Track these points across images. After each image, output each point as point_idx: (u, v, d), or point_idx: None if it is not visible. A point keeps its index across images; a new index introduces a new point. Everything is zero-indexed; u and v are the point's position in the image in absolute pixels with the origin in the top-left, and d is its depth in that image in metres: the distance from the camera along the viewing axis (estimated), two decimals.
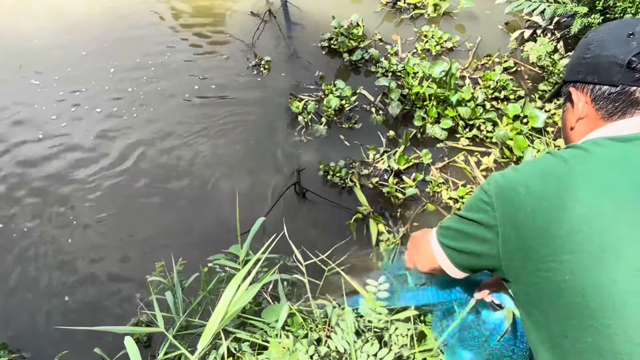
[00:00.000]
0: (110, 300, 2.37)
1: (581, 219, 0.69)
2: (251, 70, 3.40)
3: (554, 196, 0.72)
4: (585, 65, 0.85)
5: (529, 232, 0.73)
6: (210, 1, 3.93)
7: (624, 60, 0.79)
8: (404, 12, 3.88)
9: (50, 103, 3.14)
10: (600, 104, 0.84)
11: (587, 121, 0.87)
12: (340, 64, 3.51)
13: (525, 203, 0.75)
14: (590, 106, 0.85)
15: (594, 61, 0.84)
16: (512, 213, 0.76)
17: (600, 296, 0.66)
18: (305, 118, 3.03)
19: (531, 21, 3.72)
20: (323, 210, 2.69)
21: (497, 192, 0.80)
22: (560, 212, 0.70)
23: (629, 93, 0.81)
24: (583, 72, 0.86)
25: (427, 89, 3.04)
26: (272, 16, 3.60)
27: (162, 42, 3.54)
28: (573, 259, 0.68)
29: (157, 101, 3.19)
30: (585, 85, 0.86)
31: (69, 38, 3.51)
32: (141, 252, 2.51)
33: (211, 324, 1.22)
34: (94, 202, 2.70)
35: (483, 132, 3.02)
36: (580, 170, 0.73)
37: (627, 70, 0.79)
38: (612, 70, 0.81)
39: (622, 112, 0.81)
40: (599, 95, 0.84)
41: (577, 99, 0.88)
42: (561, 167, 0.75)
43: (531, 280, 0.75)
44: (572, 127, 0.90)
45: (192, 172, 2.85)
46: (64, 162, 2.86)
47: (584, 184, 0.71)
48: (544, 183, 0.74)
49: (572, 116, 0.90)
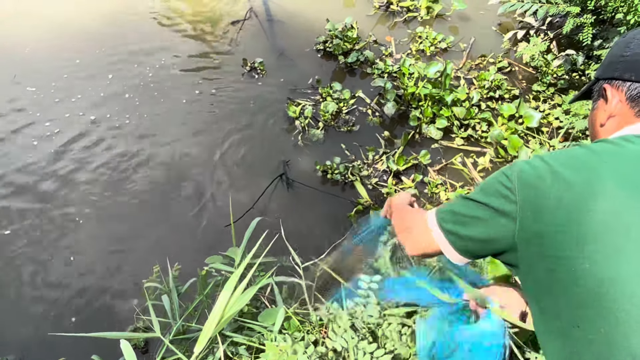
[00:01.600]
0: (107, 306, 2.35)
1: (608, 210, 0.69)
2: (247, 76, 3.40)
3: (582, 186, 0.72)
4: (624, 63, 0.86)
5: (551, 218, 0.73)
6: (202, 9, 3.94)
7: None
8: (397, 16, 3.89)
9: (46, 110, 3.13)
10: (636, 102, 0.84)
11: (618, 119, 0.87)
12: (336, 67, 3.52)
13: (550, 190, 0.74)
14: (625, 104, 0.86)
15: (633, 59, 0.85)
16: (534, 200, 0.76)
17: (618, 288, 0.66)
18: (302, 123, 3.03)
19: (524, 22, 3.74)
20: (321, 203, 2.71)
21: (520, 177, 0.79)
22: (587, 202, 0.70)
23: None
24: (620, 70, 0.86)
25: (423, 89, 3.05)
26: (254, 14, 3.61)
27: (157, 51, 3.54)
28: (595, 249, 0.68)
29: (154, 107, 3.19)
30: (622, 83, 0.86)
31: (65, 46, 3.50)
32: (136, 256, 2.50)
33: (207, 328, 1.22)
34: (88, 206, 2.69)
35: (478, 132, 3.04)
36: (611, 164, 0.74)
37: None
38: None
39: None
40: (636, 94, 0.84)
41: (612, 96, 0.88)
42: (592, 158, 0.75)
43: (546, 266, 0.74)
44: (603, 124, 0.90)
45: (189, 176, 2.84)
46: (56, 166, 2.85)
47: (614, 178, 0.71)
48: (573, 172, 0.74)
49: (604, 113, 0.90)
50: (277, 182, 2.80)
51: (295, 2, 3.93)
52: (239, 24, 3.74)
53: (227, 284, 1.17)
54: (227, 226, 2.55)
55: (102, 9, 3.76)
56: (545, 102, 3.26)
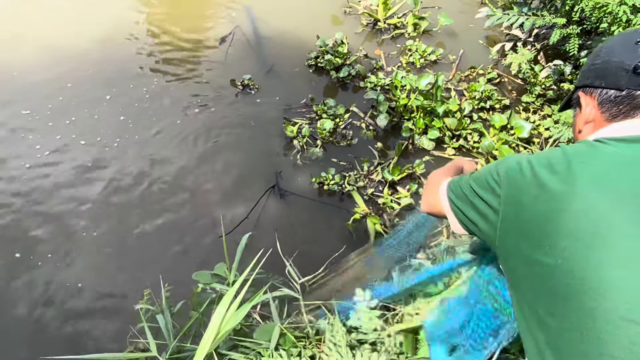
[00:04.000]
0: (100, 328, 2.31)
1: (579, 209, 0.74)
2: (241, 95, 3.42)
3: (556, 186, 0.77)
4: (594, 71, 0.91)
5: (529, 215, 0.79)
6: (188, 29, 3.98)
7: (630, 65, 0.84)
8: (385, 33, 3.95)
9: (37, 133, 3.12)
10: (606, 107, 0.89)
11: (593, 125, 0.92)
12: (328, 82, 3.55)
13: (529, 189, 0.80)
14: (597, 109, 0.91)
15: (603, 66, 0.89)
16: (516, 194, 0.82)
17: (587, 279, 0.71)
18: (301, 142, 3.05)
19: (511, 34, 3.81)
20: (318, 214, 2.72)
21: (507, 174, 0.85)
22: (561, 201, 0.76)
23: (634, 97, 0.86)
24: (592, 77, 0.91)
25: (414, 101, 3.08)
26: (242, 32, 3.64)
27: (149, 73, 3.55)
28: (567, 245, 0.73)
29: (148, 129, 3.19)
30: (593, 90, 0.91)
31: (59, 71, 3.51)
32: (129, 275, 2.47)
33: (203, 346, 1.20)
34: (77, 226, 2.66)
35: (470, 142, 3.06)
36: (584, 165, 0.78)
37: (633, 75, 0.84)
38: (618, 75, 0.86)
39: (625, 114, 0.87)
40: (605, 99, 0.89)
41: (586, 104, 0.93)
42: (566, 160, 0.80)
43: (523, 259, 0.80)
44: (580, 130, 0.96)
45: (182, 193, 2.83)
46: (49, 186, 2.83)
47: (586, 178, 0.76)
48: (549, 172, 0.79)
49: (580, 120, 0.95)
50: (271, 195, 2.80)
51: (282, 20, 3.97)
52: (226, 42, 3.77)
53: (221, 302, 1.16)
54: (220, 237, 2.55)
55: (93, 32, 3.78)
56: (535, 113, 3.30)
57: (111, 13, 3.97)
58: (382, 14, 3.96)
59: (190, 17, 4.07)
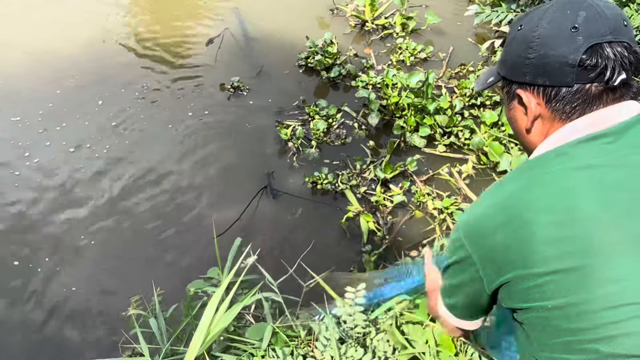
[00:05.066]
0: (93, 334, 2.30)
1: (547, 242, 0.70)
2: (233, 98, 3.41)
3: (517, 226, 0.73)
4: (531, 67, 0.79)
5: (507, 269, 0.75)
6: (176, 32, 3.95)
7: (575, 60, 0.74)
8: (373, 33, 3.95)
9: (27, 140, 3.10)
10: (555, 106, 0.79)
11: (541, 122, 0.82)
12: (319, 82, 3.54)
13: (495, 240, 0.75)
14: (544, 107, 0.81)
15: (541, 62, 0.78)
16: (488, 254, 0.78)
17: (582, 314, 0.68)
18: (296, 144, 3.05)
19: (500, 31, 3.83)
20: (310, 214, 2.72)
21: (464, 233, 0.81)
22: (528, 240, 0.71)
23: (585, 91, 0.76)
24: (530, 74, 0.80)
25: (406, 98, 3.09)
26: (231, 34, 3.64)
27: (138, 77, 3.52)
28: (552, 279, 0.70)
29: (141, 133, 3.16)
30: (536, 87, 0.80)
31: (48, 77, 3.49)
32: (123, 280, 2.46)
33: (192, 348, 1.20)
34: (67, 234, 2.64)
35: (461, 140, 3.07)
36: (534, 192, 0.73)
37: (579, 70, 0.74)
38: (563, 71, 0.76)
39: (581, 111, 0.77)
40: (553, 97, 0.79)
41: (529, 101, 0.82)
42: (514, 194, 0.75)
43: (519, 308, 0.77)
44: (528, 128, 0.85)
45: (175, 198, 2.82)
46: (39, 196, 2.81)
47: (538, 207, 0.72)
48: (504, 216, 0.75)
49: (525, 118, 0.84)
50: (265, 196, 2.80)
51: (270, 22, 3.95)
52: (217, 44, 3.75)
53: (209, 303, 1.15)
54: (219, 235, 2.53)
55: (78, 37, 3.75)
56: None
57: (98, 17, 3.93)
58: (370, 15, 3.95)
59: (178, 20, 4.06)
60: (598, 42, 0.73)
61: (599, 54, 0.73)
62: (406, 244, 2.59)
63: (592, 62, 0.73)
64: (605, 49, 0.73)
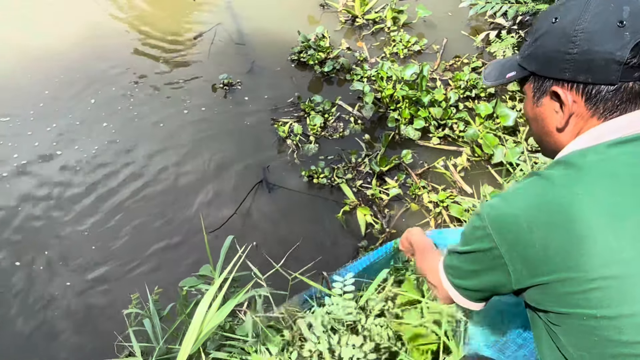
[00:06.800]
0: (89, 334, 2.28)
1: (597, 247, 0.67)
2: (227, 95, 3.38)
3: (561, 227, 0.69)
4: (573, 63, 0.75)
5: (545, 270, 0.72)
6: (168, 28, 3.90)
7: (622, 57, 0.71)
8: (364, 29, 3.91)
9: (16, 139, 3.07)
10: (595, 104, 0.76)
11: (576, 118, 0.79)
12: (313, 77, 3.52)
13: (532, 238, 0.72)
14: (581, 104, 0.78)
15: (584, 58, 0.74)
16: (519, 250, 0.74)
17: (617, 320, 0.67)
18: (294, 140, 3.03)
19: (495, 23, 3.80)
20: (306, 207, 2.73)
21: (492, 224, 0.77)
22: (578, 245, 0.68)
23: (628, 89, 0.74)
24: (571, 70, 0.76)
25: (400, 91, 3.07)
26: (224, 29, 3.61)
27: (131, 74, 3.47)
28: (600, 287, 0.67)
29: (135, 131, 3.13)
30: (576, 84, 0.77)
31: (39, 76, 3.45)
32: (119, 279, 2.44)
33: (185, 346, 1.18)
34: (56, 234, 2.62)
35: (455, 132, 3.06)
36: (580, 194, 0.70)
37: (625, 68, 0.72)
38: (609, 69, 0.73)
39: (622, 109, 0.75)
40: (594, 95, 0.76)
41: (566, 98, 0.79)
42: (558, 193, 0.72)
43: (554, 310, 0.74)
44: (561, 127, 0.82)
45: (171, 194, 2.80)
46: (29, 197, 2.79)
47: (588, 210, 0.68)
48: (546, 215, 0.71)
49: (560, 116, 0.81)
50: (261, 191, 2.79)
51: (261, 18, 3.90)
52: (209, 41, 3.72)
53: (201, 301, 1.14)
54: (210, 233, 2.55)
55: (69, 34, 3.70)
56: (522, 101, 3.30)
57: (89, 14, 3.88)
58: (360, 10, 3.90)
59: (170, 16, 4.02)
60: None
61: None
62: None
63: (638, 59, 0.71)
64: None
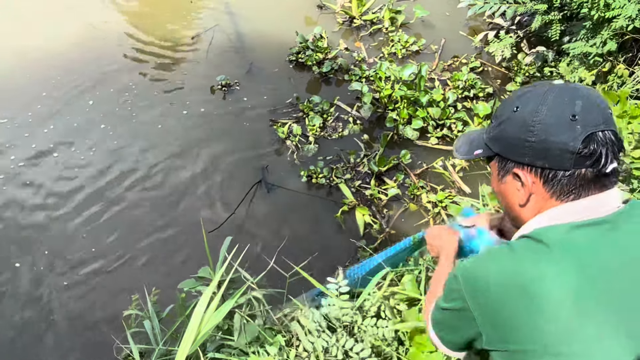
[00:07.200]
0: (88, 336, 2.28)
1: (559, 324, 0.73)
2: (228, 98, 3.37)
3: (528, 301, 0.76)
4: (531, 150, 0.83)
5: (514, 337, 0.78)
6: (166, 30, 3.90)
7: (574, 147, 0.79)
8: (362, 29, 3.90)
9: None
10: (552, 186, 0.84)
11: (537, 197, 0.87)
12: (311, 77, 3.52)
13: (501, 306, 0.79)
14: (540, 186, 0.85)
15: (541, 147, 0.82)
16: (489, 315, 0.81)
17: None
18: (294, 141, 3.03)
19: (493, 23, 3.80)
20: (305, 207, 2.74)
21: (465, 287, 0.84)
22: (538, 318, 0.74)
23: (581, 176, 0.81)
24: (530, 156, 0.84)
25: (398, 91, 3.07)
26: (223, 31, 3.61)
27: (130, 76, 3.47)
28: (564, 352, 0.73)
29: (133, 132, 3.12)
30: (533, 167, 0.85)
31: (37, 77, 3.44)
32: (119, 280, 2.44)
33: (183, 347, 1.18)
34: (56, 230, 2.62)
35: (454, 132, 3.06)
36: (546, 272, 0.76)
37: (578, 156, 0.79)
38: (563, 157, 0.80)
39: (576, 193, 0.82)
40: (550, 179, 0.83)
41: (526, 179, 0.86)
42: (526, 268, 0.78)
43: None
44: (522, 204, 0.89)
45: (174, 201, 2.80)
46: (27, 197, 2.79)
47: (553, 287, 0.75)
48: (514, 286, 0.77)
49: (521, 194, 0.88)
50: (260, 191, 2.80)
51: (259, 19, 3.90)
52: (207, 42, 3.72)
53: (199, 302, 1.14)
54: (210, 232, 2.55)
55: (68, 35, 3.69)
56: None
57: (87, 16, 3.87)
58: (357, 11, 3.89)
59: (169, 17, 4.01)
60: (594, 131, 0.79)
61: (595, 143, 0.79)
62: (401, 238, 2.56)
63: (589, 150, 0.79)
64: (600, 137, 0.79)
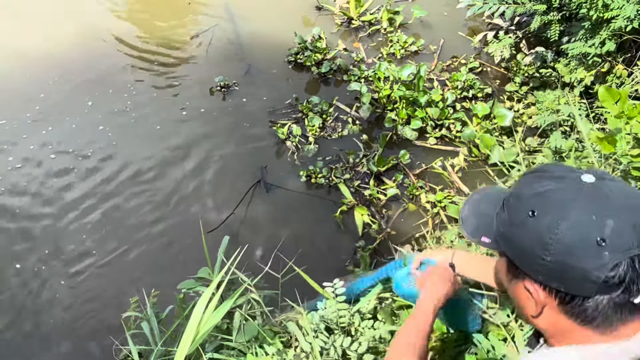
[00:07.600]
0: (88, 337, 2.29)
1: None
2: (227, 98, 3.37)
3: None
4: (546, 269, 0.71)
5: None
6: (165, 31, 3.89)
7: (598, 277, 0.66)
8: (360, 30, 3.90)
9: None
10: (569, 310, 0.72)
11: (550, 310, 0.74)
12: (310, 78, 3.52)
13: None
14: (554, 304, 0.73)
15: (559, 268, 0.69)
16: None
17: None
18: (294, 142, 3.03)
19: (493, 23, 3.81)
20: (304, 207, 2.75)
21: None
22: None
23: (604, 305, 0.69)
24: (544, 275, 0.71)
25: (397, 91, 3.08)
26: (221, 31, 3.61)
27: (129, 77, 3.48)
28: None
29: (132, 133, 3.13)
30: (547, 287, 0.73)
31: (36, 78, 3.44)
32: (119, 282, 2.45)
33: (182, 347, 1.19)
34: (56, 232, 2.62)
35: (453, 132, 3.07)
36: None
37: (602, 285, 0.67)
38: (584, 286, 0.68)
39: (601, 321, 0.70)
40: (567, 301, 0.71)
41: (537, 294, 0.74)
42: None
43: None
44: (535, 315, 0.77)
45: (174, 202, 2.80)
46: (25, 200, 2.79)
47: None
48: None
49: (532, 303, 0.76)
50: (259, 191, 2.80)
51: (257, 21, 3.90)
52: (207, 42, 3.72)
53: (197, 302, 1.15)
54: (209, 232, 2.55)
55: (66, 36, 3.68)
56: (520, 101, 3.30)
57: (86, 17, 3.87)
58: (355, 12, 3.88)
59: (167, 18, 4.01)
60: (625, 257, 0.66)
61: (625, 271, 0.66)
62: (400, 238, 2.58)
63: (617, 280, 0.66)
64: (632, 264, 0.66)
